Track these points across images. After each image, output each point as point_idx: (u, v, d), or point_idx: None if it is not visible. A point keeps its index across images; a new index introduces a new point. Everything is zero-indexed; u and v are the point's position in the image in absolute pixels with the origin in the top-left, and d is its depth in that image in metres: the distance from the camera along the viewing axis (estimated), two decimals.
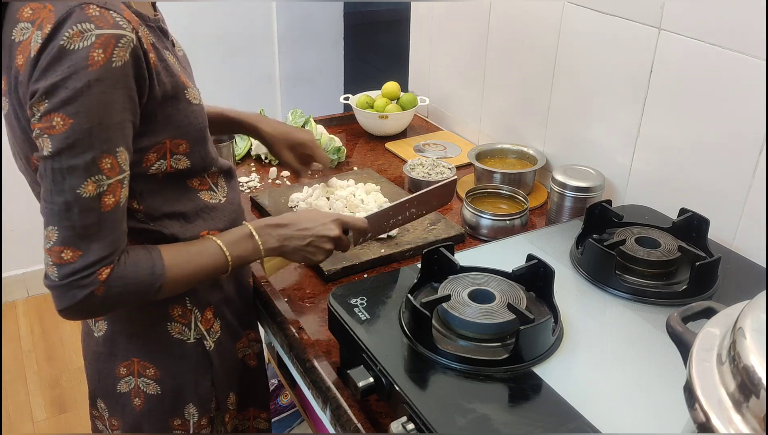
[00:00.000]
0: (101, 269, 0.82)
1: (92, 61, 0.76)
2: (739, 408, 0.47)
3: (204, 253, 0.93)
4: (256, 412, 1.19)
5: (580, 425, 0.71)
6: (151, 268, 0.87)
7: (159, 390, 1.00)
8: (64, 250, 0.80)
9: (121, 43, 0.77)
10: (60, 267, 0.81)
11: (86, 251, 0.81)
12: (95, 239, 0.81)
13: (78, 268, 0.80)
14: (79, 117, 0.77)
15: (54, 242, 0.80)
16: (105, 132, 0.79)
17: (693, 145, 1.17)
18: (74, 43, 0.75)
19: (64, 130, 0.77)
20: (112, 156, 0.80)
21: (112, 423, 1.05)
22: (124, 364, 1.00)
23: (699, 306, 0.64)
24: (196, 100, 0.92)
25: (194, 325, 1.00)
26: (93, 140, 0.78)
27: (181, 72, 0.91)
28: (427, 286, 0.94)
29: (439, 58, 1.88)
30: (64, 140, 0.77)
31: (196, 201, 0.97)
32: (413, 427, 0.73)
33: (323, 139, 1.63)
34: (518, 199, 1.34)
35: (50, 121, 0.77)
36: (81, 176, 0.79)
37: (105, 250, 0.82)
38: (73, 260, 0.80)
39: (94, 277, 0.81)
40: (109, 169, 0.80)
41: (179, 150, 0.91)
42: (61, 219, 0.80)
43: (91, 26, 0.75)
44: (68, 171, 0.78)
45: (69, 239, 0.80)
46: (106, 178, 0.80)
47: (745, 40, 1.04)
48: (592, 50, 1.34)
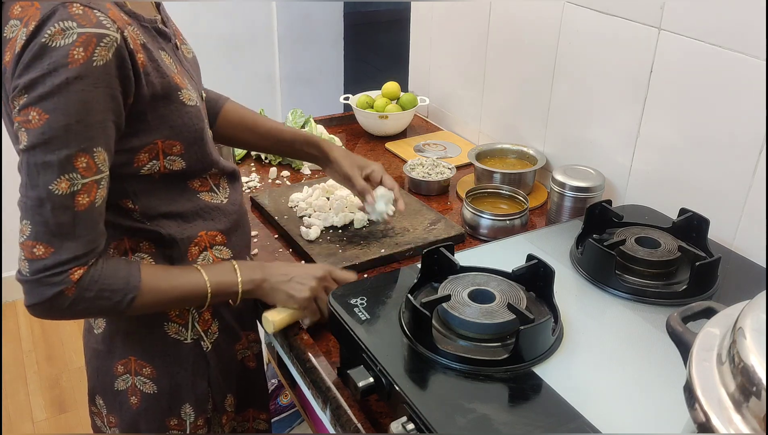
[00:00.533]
0: (74, 269, 0.81)
1: (72, 59, 0.76)
2: (739, 408, 0.47)
3: (184, 275, 0.93)
4: (255, 413, 1.19)
5: (580, 425, 0.71)
6: (126, 278, 0.86)
7: (155, 389, 1.01)
8: (36, 245, 0.80)
9: (103, 43, 0.77)
10: (31, 262, 0.81)
11: (58, 249, 0.80)
12: (69, 238, 0.81)
13: (49, 264, 0.80)
14: (56, 113, 0.77)
15: (27, 236, 0.81)
16: (82, 130, 0.78)
17: (693, 145, 1.17)
18: (56, 40, 0.75)
19: (39, 126, 0.77)
20: (88, 155, 0.80)
21: (110, 420, 1.05)
22: (121, 362, 1.00)
23: (699, 306, 0.64)
24: (191, 101, 0.91)
25: (191, 326, 1.00)
26: (68, 138, 0.78)
27: (177, 73, 0.91)
28: (427, 286, 0.94)
29: (439, 58, 1.88)
30: (40, 135, 0.77)
31: (196, 201, 0.97)
32: (413, 427, 0.73)
33: None
34: (518, 199, 1.34)
35: (27, 115, 0.77)
36: (54, 173, 0.78)
37: (78, 250, 0.82)
38: (45, 256, 0.80)
39: (65, 276, 0.81)
40: (85, 168, 0.80)
41: (173, 151, 0.91)
42: (34, 214, 0.80)
43: (73, 24, 0.76)
44: (42, 166, 0.78)
45: (41, 235, 0.80)
46: (81, 178, 0.80)
47: (745, 40, 1.04)
48: (592, 50, 1.34)
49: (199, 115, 0.93)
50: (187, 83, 0.92)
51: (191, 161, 0.93)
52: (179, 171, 0.93)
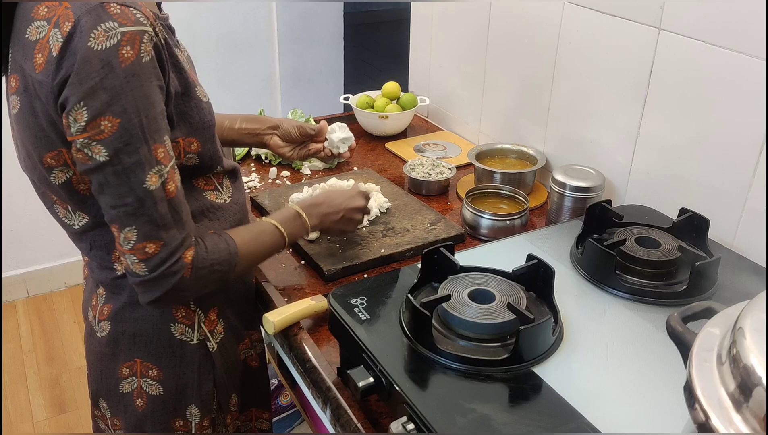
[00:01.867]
0: (185, 252, 0.85)
1: (123, 58, 0.76)
2: (739, 408, 0.47)
3: (265, 232, 1.00)
4: (258, 412, 1.20)
5: (580, 425, 0.71)
6: (227, 247, 0.91)
7: (161, 391, 1.01)
8: (147, 244, 0.83)
9: (145, 39, 0.78)
10: (147, 261, 0.83)
11: (167, 239, 0.84)
12: (172, 226, 0.84)
13: (165, 256, 0.84)
14: (126, 115, 0.78)
15: (135, 241, 0.82)
16: (152, 123, 0.80)
17: (693, 144, 1.17)
18: (101, 42, 0.75)
19: (115, 131, 0.78)
20: (162, 145, 0.82)
21: (114, 423, 1.05)
22: (126, 365, 1.00)
23: (699, 306, 0.64)
24: (205, 97, 0.94)
25: (198, 326, 1.00)
26: (144, 133, 0.80)
27: (190, 70, 0.92)
28: (427, 286, 0.94)
29: (439, 58, 1.88)
30: (119, 140, 0.78)
31: (202, 200, 0.98)
32: (413, 427, 0.73)
33: None
34: (518, 199, 1.34)
35: (97, 127, 0.77)
36: (144, 170, 0.80)
37: (182, 233, 0.85)
38: (158, 251, 0.83)
39: (182, 262, 0.85)
40: (163, 157, 0.83)
41: (191, 148, 0.92)
42: (137, 216, 0.82)
43: (115, 24, 0.76)
44: (131, 169, 0.80)
45: (149, 233, 0.82)
46: (164, 166, 0.83)
47: (745, 40, 1.04)
48: (592, 50, 1.34)
49: (210, 112, 0.95)
50: (197, 80, 0.93)
51: (204, 158, 0.95)
52: (191, 167, 0.94)
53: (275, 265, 1.22)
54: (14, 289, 2.74)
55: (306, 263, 1.22)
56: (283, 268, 1.21)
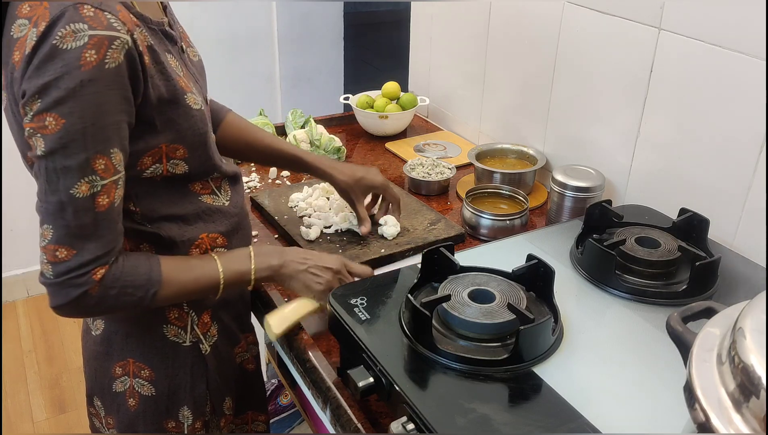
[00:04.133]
0: (96, 269, 0.82)
1: (84, 62, 0.75)
2: (739, 408, 0.47)
3: (201, 266, 0.93)
4: (254, 415, 1.19)
5: (580, 425, 0.71)
6: (148, 274, 0.87)
7: (153, 391, 1.00)
8: (59, 248, 0.80)
9: (114, 45, 0.77)
10: (54, 265, 0.81)
11: (81, 250, 0.81)
12: (90, 239, 0.81)
13: (72, 266, 0.81)
14: (73, 117, 0.76)
15: (49, 240, 0.81)
16: (99, 132, 0.79)
17: (693, 144, 1.17)
18: (67, 42, 0.75)
19: (57, 130, 0.77)
20: (106, 157, 0.80)
21: (108, 422, 1.05)
22: (119, 364, 1.00)
23: (699, 306, 0.64)
24: (197, 105, 0.91)
25: (190, 329, 1.00)
26: (86, 141, 0.78)
27: (182, 76, 0.91)
28: (427, 286, 0.94)
29: (439, 58, 1.88)
30: (58, 140, 0.77)
31: (197, 204, 0.97)
32: (413, 427, 0.73)
33: (323, 138, 1.63)
34: (518, 199, 1.34)
35: (43, 121, 0.77)
36: (74, 177, 0.79)
37: (100, 250, 0.82)
38: (68, 259, 0.81)
39: (89, 277, 0.82)
40: (103, 169, 0.80)
41: (176, 155, 0.91)
42: (56, 218, 0.80)
43: (84, 26, 0.75)
44: (62, 171, 0.78)
45: (63, 238, 0.80)
46: (100, 179, 0.80)
47: (745, 40, 1.04)
48: (592, 50, 1.34)
49: (203, 120, 0.93)
50: (192, 87, 0.92)
51: (194, 165, 0.93)
52: (181, 174, 0.93)
53: None
54: (14, 289, 2.74)
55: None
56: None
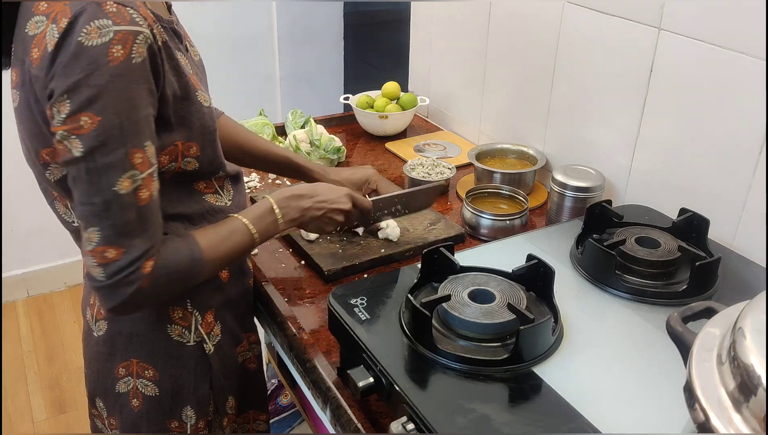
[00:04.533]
0: (145, 263, 0.82)
1: (112, 57, 0.76)
2: (738, 408, 0.47)
3: (234, 233, 0.95)
4: (256, 414, 1.19)
5: (580, 425, 0.71)
6: (190, 254, 0.88)
7: (157, 391, 1.00)
8: (108, 249, 0.80)
9: (138, 40, 0.77)
10: (105, 267, 0.81)
11: (129, 247, 0.81)
12: (136, 234, 0.82)
13: (123, 265, 0.81)
14: (107, 113, 0.76)
15: (96, 243, 0.80)
16: (133, 126, 0.79)
17: (693, 145, 1.17)
18: (92, 39, 0.75)
19: (93, 128, 0.76)
20: (142, 150, 0.81)
21: (111, 422, 1.05)
22: (123, 365, 1.00)
23: (699, 306, 0.64)
24: (206, 102, 0.92)
25: (194, 328, 1.00)
26: (123, 136, 0.78)
27: (192, 74, 0.91)
28: (427, 286, 0.94)
29: (439, 58, 1.88)
30: (95, 138, 0.77)
31: (202, 203, 0.97)
32: (413, 427, 0.73)
33: (323, 139, 1.63)
34: (518, 199, 1.34)
35: (77, 121, 0.76)
36: (116, 173, 0.79)
37: (146, 244, 0.83)
38: (117, 258, 0.81)
39: (139, 272, 0.82)
40: (141, 163, 0.81)
41: (190, 152, 0.91)
42: (101, 218, 0.80)
43: (109, 22, 0.76)
44: (103, 169, 0.78)
45: (111, 238, 0.80)
46: (140, 173, 0.81)
47: (745, 40, 1.04)
48: (592, 50, 1.34)
49: (212, 117, 0.94)
50: (200, 85, 0.93)
51: (204, 163, 0.94)
52: (191, 172, 0.93)
53: (275, 265, 1.22)
54: (14, 289, 2.74)
55: (306, 263, 1.22)
56: (283, 268, 1.21)
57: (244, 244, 0.96)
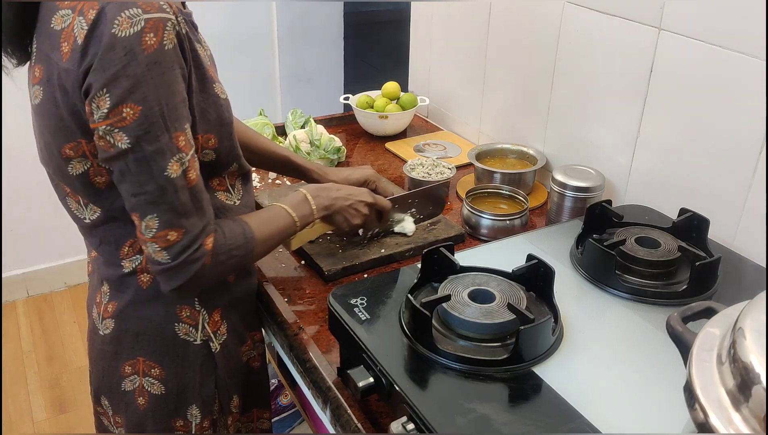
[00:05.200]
0: (205, 239, 0.86)
1: (146, 45, 0.76)
2: (738, 408, 0.47)
3: (277, 217, 1.00)
4: (259, 412, 1.20)
5: (580, 425, 0.71)
6: (242, 233, 0.91)
7: (163, 390, 1.01)
8: (169, 232, 0.83)
9: (168, 27, 0.78)
10: (169, 249, 0.83)
11: (189, 227, 0.84)
12: (193, 214, 0.84)
13: (186, 244, 0.84)
14: (147, 102, 0.78)
15: (157, 229, 0.83)
16: (173, 111, 0.81)
17: (693, 145, 1.17)
18: (124, 29, 0.75)
19: (136, 118, 0.78)
20: (183, 132, 0.82)
21: (116, 420, 1.05)
22: (129, 363, 1.00)
23: (699, 306, 0.64)
24: (223, 94, 0.94)
25: (201, 327, 1.01)
26: (166, 121, 0.80)
27: (210, 66, 0.93)
28: (427, 286, 0.94)
29: (439, 58, 1.88)
30: (140, 127, 0.78)
31: (213, 200, 0.98)
32: (413, 427, 0.73)
33: (323, 139, 1.63)
34: (518, 199, 1.34)
35: (119, 114, 0.77)
36: (165, 158, 0.81)
37: (203, 221, 0.86)
38: (180, 238, 0.83)
39: (203, 249, 0.85)
40: (184, 145, 0.83)
41: (209, 144, 0.92)
42: (158, 204, 0.82)
43: (139, 11, 0.76)
44: (152, 156, 0.80)
45: (171, 220, 0.83)
46: (185, 155, 0.83)
47: (745, 40, 1.05)
48: (592, 50, 1.34)
49: (229, 109, 0.95)
50: (217, 76, 0.94)
51: (221, 154, 0.95)
52: (207, 164, 0.94)
53: (275, 265, 1.22)
54: (14, 289, 2.74)
55: (306, 263, 1.22)
56: (283, 268, 1.21)
57: (287, 227, 1.01)
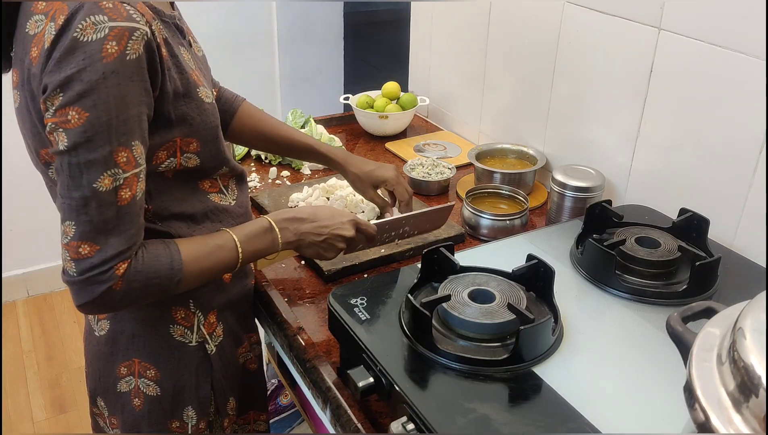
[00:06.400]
0: (119, 264, 0.81)
1: (106, 54, 0.75)
2: (739, 408, 0.47)
3: (223, 249, 0.93)
4: (256, 414, 1.19)
5: (580, 425, 0.71)
6: (169, 263, 0.86)
7: (159, 391, 1.00)
8: (82, 244, 0.80)
9: (134, 36, 0.77)
10: (78, 262, 0.80)
11: (104, 246, 0.80)
12: (113, 233, 0.81)
13: (96, 262, 0.80)
14: (96, 110, 0.76)
15: (71, 237, 0.80)
16: (122, 125, 0.78)
17: (693, 145, 1.17)
18: (87, 35, 0.75)
19: (80, 124, 0.76)
20: (128, 149, 0.80)
21: (112, 422, 1.05)
22: (124, 364, 1.00)
23: (699, 306, 0.64)
24: (208, 98, 0.92)
25: (197, 329, 1.00)
26: (110, 133, 0.78)
27: (195, 70, 0.91)
28: (427, 286, 0.94)
29: (439, 58, 1.88)
30: (82, 134, 0.77)
31: (206, 202, 0.97)
32: (413, 427, 0.73)
33: (323, 139, 1.63)
34: (518, 199, 1.34)
35: (65, 115, 0.76)
36: (98, 170, 0.78)
37: (122, 245, 0.81)
38: (91, 255, 0.80)
39: (112, 272, 0.81)
40: (125, 162, 0.80)
41: (190, 148, 0.91)
42: (79, 214, 0.79)
43: (104, 18, 0.75)
44: (85, 165, 0.78)
45: (86, 234, 0.80)
46: (122, 172, 0.80)
47: (745, 40, 1.04)
48: (592, 50, 1.34)
49: (215, 113, 0.94)
50: (203, 80, 0.93)
51: (205, 159, 0.94)
52: (193, 168, 0.93)
53: (275, 266, 1.22)
54: (14, 289, 2.74)
55: (306, 263, 1.22)
56: (283, 268, 1.21)
57: (228, 261, 0.93)
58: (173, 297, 0.95)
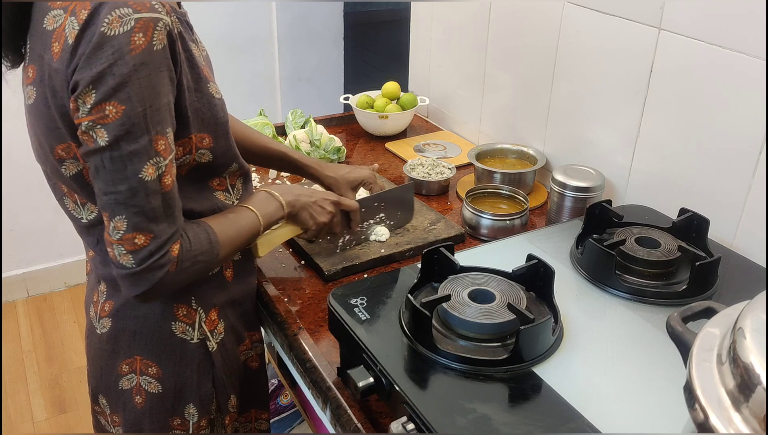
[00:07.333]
0: (172, 246, 0.85)
1: (134, 46, 0.76)
2: (738, 408, 0.47)
3: (241, 217, 0.98)
4: (257, 413, 1.20)
5: (580, 425, 0.71)
6: (208, 238, 0.90)
7: (160, 389, 1.01)
8: (137, 235, 0.82)
9: (158, 27, 0.78)
10: (135, 253, 0.82)
11: (157, 232, 0.83)
12: (162, 220, 0.83)
13: (153, 250, 0.83)
14: (131, 102, 0.78)
15: (125, 230, 0.82)
16: (156, 114, 0.80)
17: (693, 144, 1.17)
18: (114, 28, 0.76)
19: (118, 117, 0.78)
20: (164, 137, 0.82)
21: (114, 419, 1.05)
22: (126, 362, 1.00)
23: (699, 306, 0.64)
24: (218, 94, 0.94)
25: (198, 326, 1.01)
26: (147, 123, 0.79)
27: (204, 66, 0.93)
28: (427, 286, 0.94)
29: (439, 58, 1.88)
30: (120, 127, 0.78)
31: (212, 200, 0.98)
32: (413, 427, 0.73)
33: (323, 139, 1.63)
34: (518, 199, 1.34)
35: (103, 111, 0.77)
36: (141, 160, 0.80)
37: (172, 228, 0.85)
38: (147, 244, 0.82)
39: (169, 256, 0.84)
40: (164, 149, 0.82)
41: (203, 144, 0.92)
42: (128, 206, 0.81)
43: (129, 11, 0.76)
44: (128, 157, 0.79)
45: (139, 224, 0.82)
46: (163, 160, 0.82)
47: (745, 40, 1.05)
48: (592, 50, 1.34)
49: (224, 108, 0.95)
50: (212, 76, 0.94)
51: (217, 155, 0.95)
52: (206, 165, 0.94)
53: (275, 266, 1.22)
54: (14, 289, 2.74)
55: (306, 263, 1.22)
56: (283, 268, 1.21)
57: (251, 227, 0.99)
58: (175, 294, 0.97)
